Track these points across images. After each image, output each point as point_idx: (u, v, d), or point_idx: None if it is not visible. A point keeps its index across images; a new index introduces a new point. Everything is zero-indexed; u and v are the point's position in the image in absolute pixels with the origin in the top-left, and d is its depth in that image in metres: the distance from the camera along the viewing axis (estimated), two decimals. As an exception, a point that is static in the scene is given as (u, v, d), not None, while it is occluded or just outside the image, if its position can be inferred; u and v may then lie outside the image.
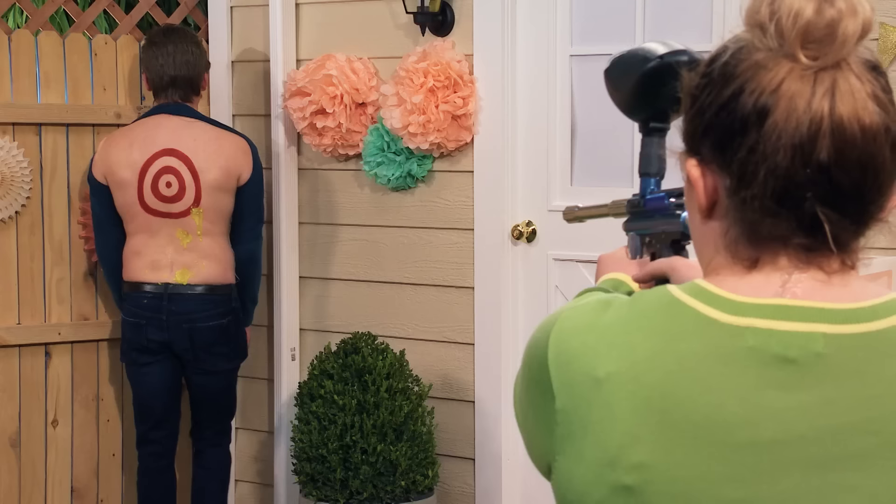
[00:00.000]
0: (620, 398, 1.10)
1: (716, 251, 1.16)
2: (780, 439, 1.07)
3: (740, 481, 1.07)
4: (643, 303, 1.15)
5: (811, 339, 1.08)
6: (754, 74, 1.10)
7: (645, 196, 1.61)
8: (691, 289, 1.14)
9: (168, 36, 3.94)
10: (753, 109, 1.09)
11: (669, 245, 1.57)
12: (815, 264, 1.12)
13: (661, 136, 1.59)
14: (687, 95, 1.17)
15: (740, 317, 1.10)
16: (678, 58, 1.53)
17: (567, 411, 1.14)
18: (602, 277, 1.61)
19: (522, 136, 3.90)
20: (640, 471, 1.09)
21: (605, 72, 1.60)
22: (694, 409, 1.08)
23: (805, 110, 1.07)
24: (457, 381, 4.02)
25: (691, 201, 1.18)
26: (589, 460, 1.12)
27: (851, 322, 1.09)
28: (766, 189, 1.09)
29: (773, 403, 1.07)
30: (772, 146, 1.08)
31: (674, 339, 1.11)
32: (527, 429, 1.22)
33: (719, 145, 1.12)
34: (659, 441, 1.09)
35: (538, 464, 1.21)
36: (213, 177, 3.86)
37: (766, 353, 1.08)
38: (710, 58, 1.15)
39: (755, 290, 1.12)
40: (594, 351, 1.13)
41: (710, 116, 1.13)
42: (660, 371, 1.10)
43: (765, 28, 1.10)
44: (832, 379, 1.08)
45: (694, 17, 3.62)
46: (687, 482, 1.08)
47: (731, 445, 1.07)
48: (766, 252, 1.12)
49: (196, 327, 3.85)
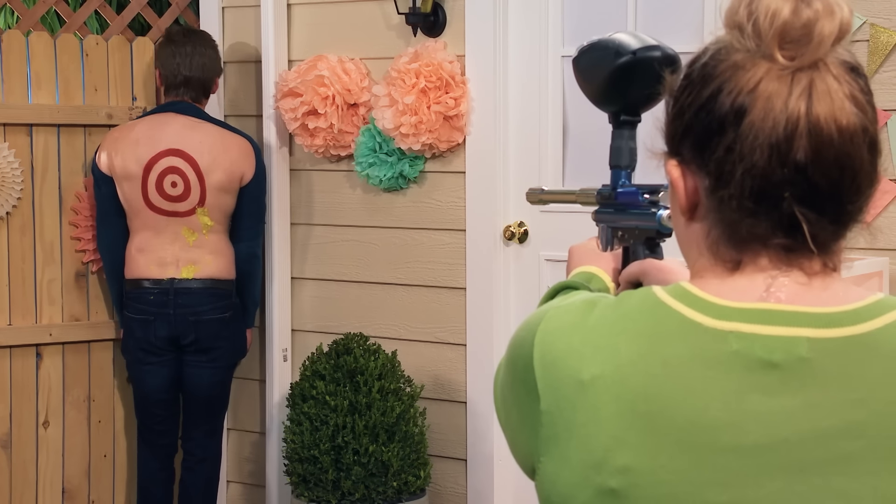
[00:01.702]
0: (605, 401, 1.11)
1: (699, 253, 1.16)
2: (764, 443, 1.07)
3: (724, 485, 1.07)
4: (628, 305, 1.15)
5: (795, 344, 1.08)
6: (732, 75, 1.10)
7: (616, 189, 1.61)
8: (676, 291, 1.14)
9: (188, 37, 4.00)
10: (731, 109, 1.09)
11: (643, 242, 1.56)
12: (796, 265, 1.12)
13: (632, 129, 1.59)
14: (669, 97, 1.17)
15: (724, 321, 1.10)
16: (651, 53, 1.52)
17: (552, 413, 1.14)
18: (574, 270, 1.60)
19: (514, 137, 3.91)
20: (625, 474, 1.09)
21: (574, 61, 1.59)
22: (678, 412, 1.09)
23: (782, 110, 1.08)
24: (449, 382, 4.02)
25: (675, 203, 1.18)
26: (574, 463, 1.12)
27: (835, 326, 1.09)
28: (744, 189, 1.09)
29: (756, 407, 1.07)
30: (749, 146, 1.09)
31: (658, 342, 1.11)
32: (510, 427, 1.22)
33: (698, 146, 1.12)
34: (644, 444, 1.09)
35: (521, 463, 1.21)
36: (218, 178, 3.90)
37: (750, 357, 1.08)
38: (691, 59, 1.15)
39: (739, 293, 1.12)
40: (579, 353, 1.13)
41: (690, 117, 1.13)
42: (644, 374, 1.10)
43: (743, 29, 1.10)
44: (816, 383, 1.08)
45: (685, 18, 3.62)
46: (671, 485, 1.08)
47: (716, 449, 1.07)
48: (748, 253, 1.12)
49: (201, 320, 3.90)
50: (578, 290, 1.47)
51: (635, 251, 1.57)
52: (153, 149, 3.88)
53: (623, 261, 1.59)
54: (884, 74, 3.29)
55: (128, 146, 3.91)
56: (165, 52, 3.98)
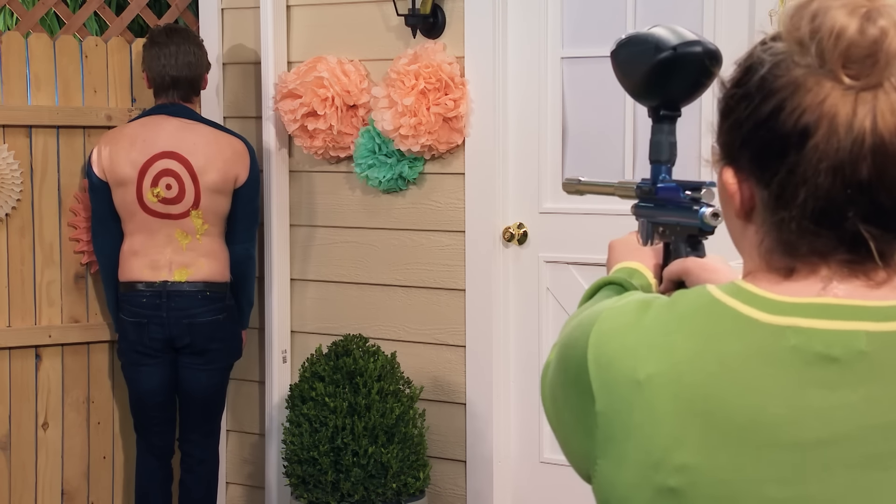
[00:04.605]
0: (662, 400, 1.10)
1: (750, 257, 1.16)
2: (824, 439, 1.06)
3: (785, 482, 1.07)
4: (683, 304, 1.14)
5: (854, 338, 1.07)
6: (794, 92, 1.08)
7: (657, 184, 1.59)
8: (731, 289, 1.13)
9: (170, 36, 3.97)
10: (794, 130, 1.07)
11: (685, 239, 1.55)
12: (860, 273, 1.11)
13: (672, 123, 1.57)
14: (723, 102, 1.15)
15: (781, 316, 1.09)
16: (692, 48, 1.52)
17: (608, 414, 1.13)
18: (615, 266, 1.58)
19: (514, 139, 3.91)
20: (685, 473, 1.09)
21: (612, 55, 1.58)
22: (737, 410, 1.08)
23: (847, 132, 1.06)
24: (448, 384, 4.02)
25: (729, 208, 1.17)
26: (632, 463, 1.11)
27: (894, 319, 1.08)
28: (805, 210, 1.08)
29: (816, 403, 1.07)
30: (812, 168, 1.07)
31: (715, 339, 1.10)
32: (563, 431, 1.21)
33: (757, 161, 1.11)
34: (702, 443, 1.08)
35: (576, 466, 1.20)
36: (212, 180, 3.89)
37: (809, 352, 1.07)
38: (744, 66, 1.13)
39: (795, 290, 1.11)
40: (634, 353, 1.13)
41: (748, 131, 1.11)
42: (701, 372, 1.09)
43: (805, 45, 1.08)
44: (876, 377, 1.07)
45: (685, 20, 3.62)
46: (731, 484, 1.08)
47: (776, 446, 1.07)
48: (804, 264, 1.11)
49: (195, 322, 3.89)
50: (622, 286, 1.47)
51: (677, 248, 1.55)
52: (148, 152, 3.88)
53: (664, 257, 1.57)
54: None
55: (122, 150, 3.90)
56: (150, 54, 3.96)
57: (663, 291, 1.51)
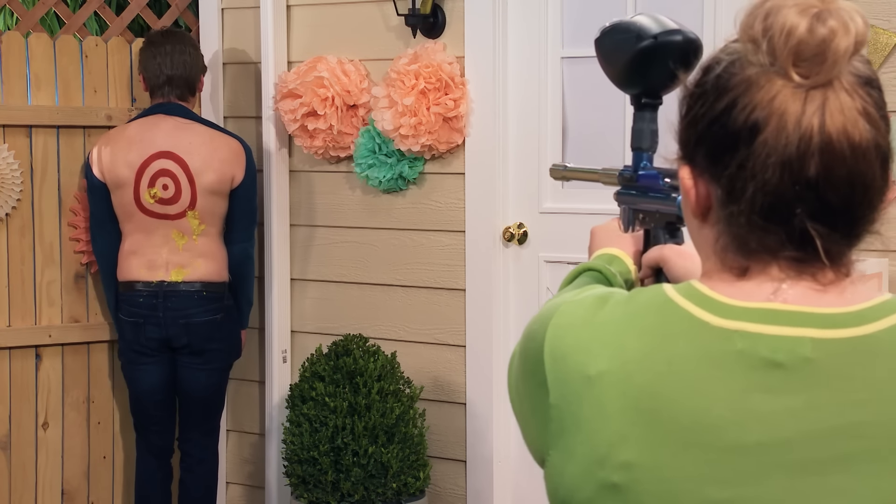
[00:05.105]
0: (611, 397, 1.11)
1: (707, 256, 1.17)
2: (765, 442, 1.08)
3: (725, 483, 1.08)
4: (638, 302, 1.16)
5: (799, 344, 1.09)
6: (746, 90, 1.10)
7: (638, 171, 1.60)
8: (685, 290, 1.15)
9: (166, 37, 3.99)
10: (745, 126, 1.09)
11: (664, 226, 1.56)
12: (807, 274, 1.12)
13: (653, 111, 1.59)
14: (683, 102, 1.17)
15: (730, 320, 1.10)
16: (672, 37, 1.53)
17: (560, 407, 1.15)
18: (596, 252, 1.60)
19: (514, 139, 3.91)
20: (628, 470, 1.10)
21: (596, 42, 1.60)
22: (682, 410, 1.09)
23: (795, 128, 1.08)
24: (448, 383, 4.02)
25: (687, 207, 1.19)
26: (579, 457, 1.13)
27: (840, 326, 1.09)
28: (754, 205, 1.10)
29: (759, 407, 1.08)
30: (761, 163, 1.09)
31: (665, 340, 1.12)
32: (522, 419, 1.23)
33: (711, 157, 1.13)
34: (647, 441, 1.10)
35: (533, 453, 1.22)
36: (208, 180, 3.89)
37: (754, 356, 1.09)
38: (704, 67, 1.15)
39: (747, 294, 1.12)
40: (587, 349, 1.14)
41: (703, 128, 1.13)
42: (650, 372, 1.11)
43: (758, 44, 1.10)
44: (820, 383, 1.08)
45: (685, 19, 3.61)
46: (673, 482, 1.09)
47: (718, 448, 1.08)
48: (757, 262, 1.13)
49: (192, 322, 3.89)
50: (601, 272, 1.49)
51: (656, 235, 1.57)
52: (145, 152, 3.89)
53: (644, 243, 1.59)
54: (883, 76, 3.29)
55: (121, 151, 3.91)
56: (146, 55, 3.98)
57: (642, 278, 1.55)
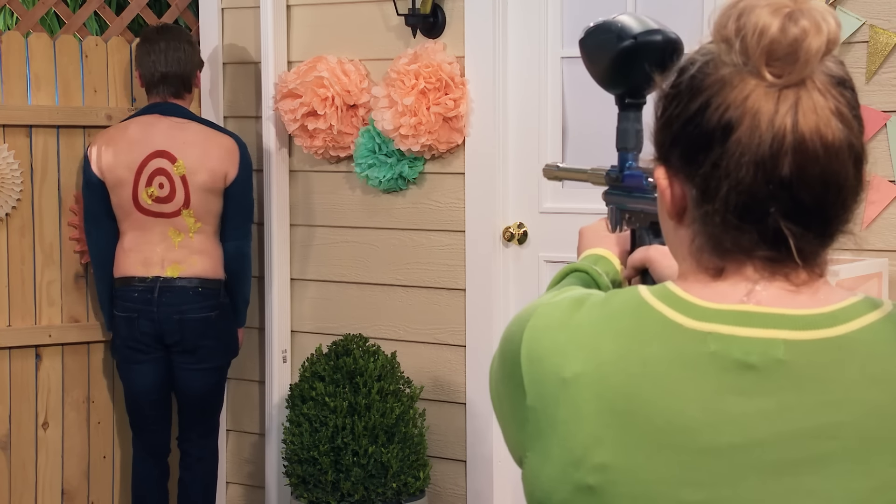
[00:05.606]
0: (586, 399, 1.12)
1: (683, 258, 1.18)
2: (739, 444, 1.08)
3: (699, 485, 1.08)
4: (613, 304, 1.16)
5: (772, 346, 1.09)
6: (720, 90, 1.10)
7: (623, 171, 1.61)
8: (660, 292, 1.15)
9: (161, 34, 3.99)
10: (718, 125, 1.10)
11: (649, 226, 1.57)
12: (781, 275, 1.13)
13: (637, 111, 1.60)
14: (658, 103, 1.17)
15: (703, 322, 1.11)
16: (652, 38, 1.54)
17: (536, 409, 1.15)
18: (584, 253, 1.62)
19: (514, 138, 3.91)
20: (603, 472, 1.10)
21: (580, 42, 1.62)
22: (656, 412, 1.10)
23: (768, 127, 1.08)
24: (448, 383, 4.02)
25: (662, 208, 1.19)
26: (555, 459, 1.13)
27: (812, 328, 1.10)
28: (728, 204, 1.10)
29: (733, 409, 1.08)
30: (735, 162, 1.09)
31: (640, 342, 1.12)
32: (503, 418, 1.24)
33: (685, 157, 1.13)
34: (621, 443, 1.10)
35: (512, 453, 1.23)
36: (202, 179, 3.90)
37: (728, 358, 1.09)
38: (679, 67, 1.16)
39: (721, 296, 1.13)
40: (563, 351, 1.15)
41: (678, 128, 1.13)
42: (624, 374, 1.11)
43: (731, 43, 1.11)
44: (792, 385, 1.09)
45: (685, 20, 3.62)
46: (647, 484, 1.09)
47: (692, 450, 1.09)
48: (731, 262, 1.13)
49: (186, 318, 3.88)
50: (587, 273, 1.51)
51: (641, 236, 1.58)
52: (143, 152, 3.89)
53: (632, 244, 1.60)
54: (883, 75, 3.29)
55: (121, 152, 3.91)
56: (141, 52, 3.98)
57: (627, 278, 1.56)
